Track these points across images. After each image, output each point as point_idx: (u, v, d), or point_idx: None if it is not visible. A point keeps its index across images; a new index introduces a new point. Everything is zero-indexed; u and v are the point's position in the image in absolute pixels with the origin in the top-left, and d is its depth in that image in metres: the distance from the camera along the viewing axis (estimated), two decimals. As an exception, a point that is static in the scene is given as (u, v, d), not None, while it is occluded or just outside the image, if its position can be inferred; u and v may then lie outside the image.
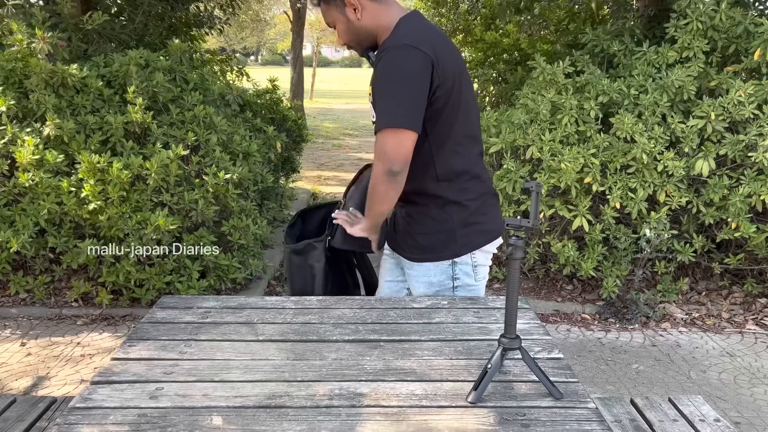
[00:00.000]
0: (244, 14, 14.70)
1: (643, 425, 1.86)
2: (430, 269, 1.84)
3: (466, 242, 1.81)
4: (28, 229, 3.38)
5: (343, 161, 9.47)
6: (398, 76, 1.66)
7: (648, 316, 3.81)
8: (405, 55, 1.65)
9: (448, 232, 1.81)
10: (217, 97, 4.19)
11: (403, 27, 1.74)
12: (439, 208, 1.80)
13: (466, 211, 1.81)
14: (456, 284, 1.84)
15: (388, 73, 1.67)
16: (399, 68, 1.66)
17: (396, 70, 1.66)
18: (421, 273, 1.85)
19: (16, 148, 3.37)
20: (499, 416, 1.18)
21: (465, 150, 1.80)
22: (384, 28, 1.76)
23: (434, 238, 1.82)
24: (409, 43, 1.66)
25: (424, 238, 1.83)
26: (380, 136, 1.68)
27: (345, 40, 1.85)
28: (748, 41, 3.82)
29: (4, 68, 3.58)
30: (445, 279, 1.84)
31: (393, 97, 1.67)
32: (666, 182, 3.64)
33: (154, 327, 1.57)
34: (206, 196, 3.50)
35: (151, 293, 3.57)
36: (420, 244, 1.84)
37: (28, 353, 3.27)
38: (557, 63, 3.92)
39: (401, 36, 1.70)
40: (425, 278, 1.85)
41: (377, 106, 1.70)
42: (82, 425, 1.15)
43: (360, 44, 1.84)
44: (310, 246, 2.02)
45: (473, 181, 1.82)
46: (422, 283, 1.86)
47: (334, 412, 1.19)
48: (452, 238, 1.81)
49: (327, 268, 2.02)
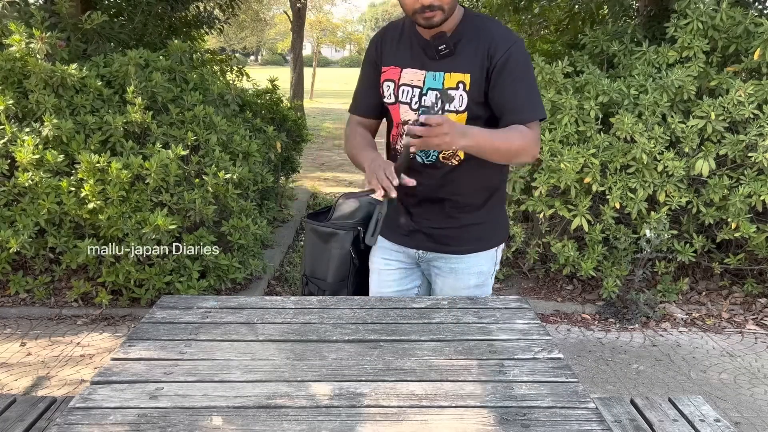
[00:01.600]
0: (244, 14, 14.69)
1: (643, 425, 1.86)
2: (480, 258, 1.89)
3: (505, 228, 1.98)
4: (28, 229, 3.38)
5: (343, 161, 9.47)
6: (533, 71, 1.79)
7: (648, 316, 3.81)
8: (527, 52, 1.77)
9: (495, 221, 1.92)
10: (217, 97, 4.19)
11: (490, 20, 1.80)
12: (495, 197, 1.90)
13: (503, 201, 1.96)
14: (495, 269, 1.95)
15: (530, 66, 1.76)
16: (531, 64, 1.78)
17: (531, 65, 1.78)
18: (472, 264, 1.89)
19: (16, 147, 3.37)
20: (499, 416, 1.18)
21: None
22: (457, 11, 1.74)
23: (486, 227, 1.89)
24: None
25: (480, 228, 1.88)
26: (539, 126, 1.76)
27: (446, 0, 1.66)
28: (749, 41, 3.82)
29: (2, 68, 3.58)
30: (491, 266, 1.92)
31: (537, 90, 1.77)
32: (666, 182, 3.64)
33: (154, 327, 1.56)
34: (206, 196, 3.50)
35: (151, 293, 3.57)
36: (475, 235, 1.88)
37: (28, 353, 3.27)
38: (556, 63, 3.92)
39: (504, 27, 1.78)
40: (476, 268, 1.89)
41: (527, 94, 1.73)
42: (82, 425, 1.15)
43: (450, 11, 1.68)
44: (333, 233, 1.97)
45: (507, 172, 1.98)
46: (473, 274, 1.89)
47: (334, 412, 1.18)
48: (498, 226, 1.94)
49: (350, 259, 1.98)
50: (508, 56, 1.68)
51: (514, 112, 1.70)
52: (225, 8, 6.50)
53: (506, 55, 1.68)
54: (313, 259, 2.03)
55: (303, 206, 6.32)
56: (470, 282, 1.89)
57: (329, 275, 1.98)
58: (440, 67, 1.74)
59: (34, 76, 3.53)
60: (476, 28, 1.73)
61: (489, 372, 1.34)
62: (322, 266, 2.00)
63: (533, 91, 1.74)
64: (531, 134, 1.70)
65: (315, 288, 2.05)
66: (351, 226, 1.98)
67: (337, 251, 1.96)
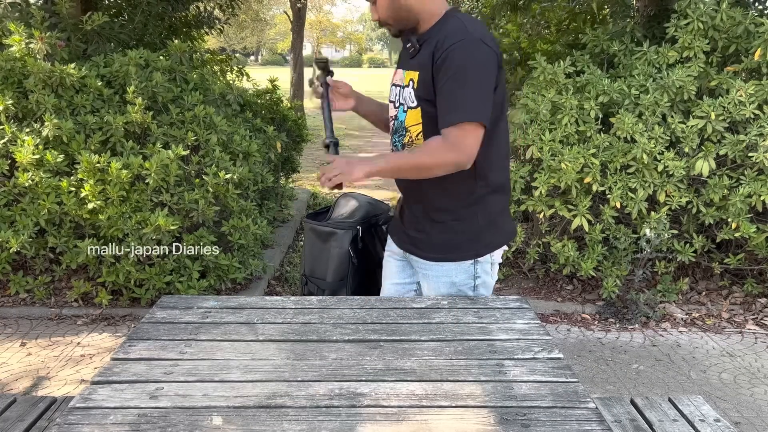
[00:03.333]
0: (244, 14, 14.70)
1: (643, 425, 1.86)
2: (451, 269, 1.82)
3: (489, 242, 1.82)
4: (28, 229, 3.38)
5: (343, 161, 9.45)
6: (477, 70, 1.64)
7: (648, 316, 3.81)
8: (480, 49, 1.64)
9: (473, 232, 1.80)
10: (218, 96, 4.19)
11: (462, 20, 1.72)
12: (466, 208, 1.79)
13: (491, 213, 1.82)
14: (477, 283, 1.83)
15: (468, 65, 1.64)
16: (477, 62, 1.64)
17: (475, 63, 1.64)
18: (442, 273, 1.83)
19: (16, 148, 3.37)
20: (499, 416, 1.18)
21: (500, 149, 1.80)
22: (430, 14, 1.74)
23: (459, 238, 1.80)
24: (481, 38, 1.65)
25: (447, 237, 1.81)
26: (462, 129, 1.64)
27: (383, 16, 1.78)
28: (749, 41, 3.82)
29: (2, 68, 3.58)
30: (466, 278, 1.82)
31: (476, 91, 1.65)
32: (666, 182, 3.64)
33: (154, 327, 1.56)
34: (206, 196, 3.50)
35: (151, 293, 3.57)
36: (442, 243, 1.81)
37: (28, 353, 3.27)
38: (558, 63, 3.92)
39: (471, 29, 1.67)
40: (447, 278, 1.83)
41: (452, 96, 1.65)
42: (82, 425, 1.15)
43: (398, 23, 1.78)
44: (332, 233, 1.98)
45: (503, 183, 1.83)
46: (443, 284, 1.83)
47: (334, 412, 1.18)
48: (476, 238, 1.80)
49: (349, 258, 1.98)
50: (447, 55, 1.65)
51: (441, 113, 1.68)
52: (225, 8, 6.49)
53: (445, 53, 1.65)
54: (312, 259, 2.05)
55: (303, 206, 6.32)
56: (442, 291, 1.84)
57: (328, 274, 1.99)
58: (408, 66, 1.80)
59: (33, 76, 3.53)
60: (441, 27, 1.73)
61: (489, 372, 1.34)
62: (322, 266, 2.01)
63: (465, 92, 1.64)
64: (441, 145, 1.66)
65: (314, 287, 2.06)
66: (350, 226, 1.99)
67: (336, 250, 1.97)
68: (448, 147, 1.65)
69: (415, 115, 1.77)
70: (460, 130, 1.64)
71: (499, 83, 1.71)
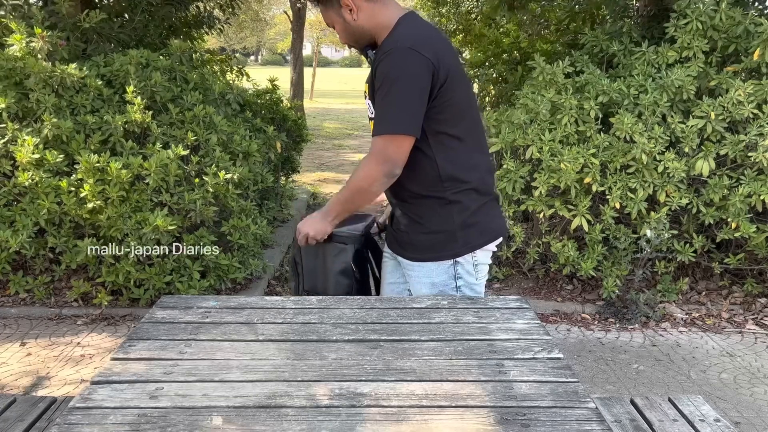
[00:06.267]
0: (244, 14, 14.69)
1: (643, 425, 1.86)
2: (431, 269, 1.84)
3: (467, 242, 1.82)
4: (28, 228, 3.38)
5: (343, 161, 9.47)
6: (400, 80, 1.67)
7: (648, 316, 3.81)
8: (406, 58, 1.66)
9: (448, 232, 1.81)
10: (217, 96, 4.19)
11: (403, 27, 1.74)
12: (440, 207, 1.80)
13: (467, 212, 1.81)
14: (459, 283, 1.85)
15: (391, 76, 1.68)
16: (402, 72, 1.67)
17: (399, 73, 1.67)
18: (423, 273, 1.85)
19: (16, 147, 3.37)
20: (499, 416, 1.18)
21: (468, 151, 1.80)
22: (382, 27, 1.77)
23: (435, 238, 1.82)
24: (411, 47, 1.66)
25: (424, 238, 1.83)
26: (381, 140, 1.71)
27: (344, 40, 1.88)
28: (748, 41, 3.82)
29: (3, 68, 3.58)
30: (447, 279, 1.84)
31: (395, 102, 1.69)
32: (666, 182, 3.64)
33: (154, 327, 1.57)
34: (206, 196, 3.50)
35: (151, 293, 3.57)
36: (420, 244, 1.84)
37: (28, 353, 3.27)
38: (557, 63, 3.92)
39: (402, 38, 1.70)
40: (427, 279, 1.85)
41: (378, 108, 1.72)
42: (82, 425, 1.15)
43: (358, 43, 1.85)
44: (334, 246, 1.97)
45: (476, 182, 1.82)
46: (424, 284, 1.85)
47: (334, 412, 1.18)
48: (453, 238, 1.81)
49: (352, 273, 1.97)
50: (376, 66, 1.71)
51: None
52: (225, 8, 6.49)
53: (375, 64, 1.73)
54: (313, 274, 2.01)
55: (303, 206, 6.32)
56: (423, 291, 1.85)
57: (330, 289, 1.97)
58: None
59: (34, 76, 3.53)
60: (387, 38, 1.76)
61: (489, 372, 1.34)
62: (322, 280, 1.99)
63: (388, 104, 1.69)
64: (367, 160, 1.74)
65: None
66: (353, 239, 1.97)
67: (339, 265, 1.95)
68: (372, 159, 1.73)
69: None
70: (381, 140, 1.72)
71: (450, 86, 1.71)
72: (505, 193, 3.79)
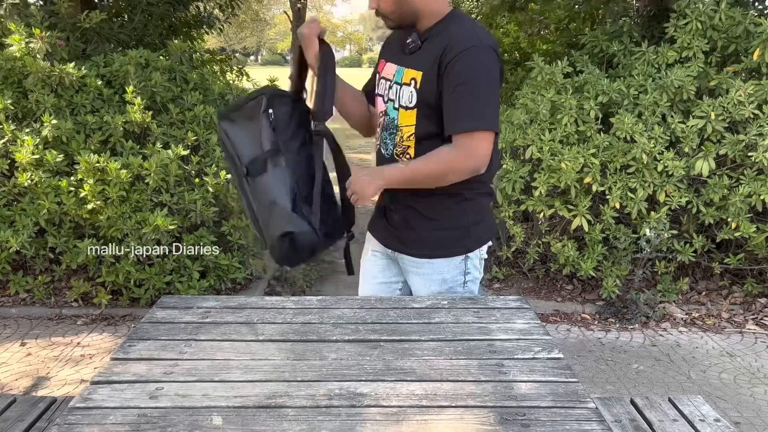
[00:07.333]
0: (244, 14, 14.70)
1: (643, 425, 1.86)
2: (443, 266, 1.84)
3: (477, 237, 1.86)
4: (28, 228, 3.38)
5: (342, 161, 9.46)
6: (487, 78, 1.68)
7: (648, 316, 3.81)
8: (491, 57, 1.69)
9: (463, 228, 1.83)
10: (217, 96, 4.19)
11: (467, 23, 1.74)
12: (456, 204, 1.82)
13: (479, 208, 1.86)
14: (467, 279, 1.86)
15: (480, 73, 1.67)
16: (487, 70, 1.68)
17: (485, 71, 1.68)
18: (434, 270, 1.84)
19: (16, 148, 3.37)
20: (499, 416, 1.18)
21: (496, 150, 1.83)
22: (431, 13, 1.75)
23: (449, 234, 1.83)
24: (492, 46, 1.69)
25: (438, 234, 1.83)
26: (478, 137, 1.68)
27: (385, 8, 1.76)
28: (748, 41, 3.82)
29: (2, 68, 3.58)
30: (457, 274, 1.85)
31: (488, 99, 1.69)
32: (666, 182, 3.64)
33: (154, 327, 1.56)
34: (206, 196, 3.50)
35: (151, 293, 3.57)
36: (431, 241, 1.83)
37: (28, 353, 3.27)
38: (556, 63, 3.92)
39: (481, 36, 1.70)
40: (438, 275, 1.84)
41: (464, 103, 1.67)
42: (82, 425, 1.15)
43: (399, 18, 1.77)
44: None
45: (487, 179, 1.86)
46: (435, 281, 1.85)
47: (334, 412, 1.18)
48: (467, 234, 1.84)
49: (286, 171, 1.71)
50: (456, 61, 1.67)
51: (447, 120, 1.70)
52: (225, 8, 6.49)
53: (455, 59, 1.67)
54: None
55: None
56: (433, 288, 1.85)
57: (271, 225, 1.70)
58: (405, 62, 1.79)
59: (32, 76, 3.53)
60: (445, 28, 1.74)
61: (489, 372, 1.34)
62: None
63: (477, 100, 1.67)
64: (456, 154, 1.69)
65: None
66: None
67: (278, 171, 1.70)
68: (464, 155, 1.69)
69: (410, 116, 1.76)
70: (473, 137, 1.68)
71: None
72: (505, 193, 3.79)
